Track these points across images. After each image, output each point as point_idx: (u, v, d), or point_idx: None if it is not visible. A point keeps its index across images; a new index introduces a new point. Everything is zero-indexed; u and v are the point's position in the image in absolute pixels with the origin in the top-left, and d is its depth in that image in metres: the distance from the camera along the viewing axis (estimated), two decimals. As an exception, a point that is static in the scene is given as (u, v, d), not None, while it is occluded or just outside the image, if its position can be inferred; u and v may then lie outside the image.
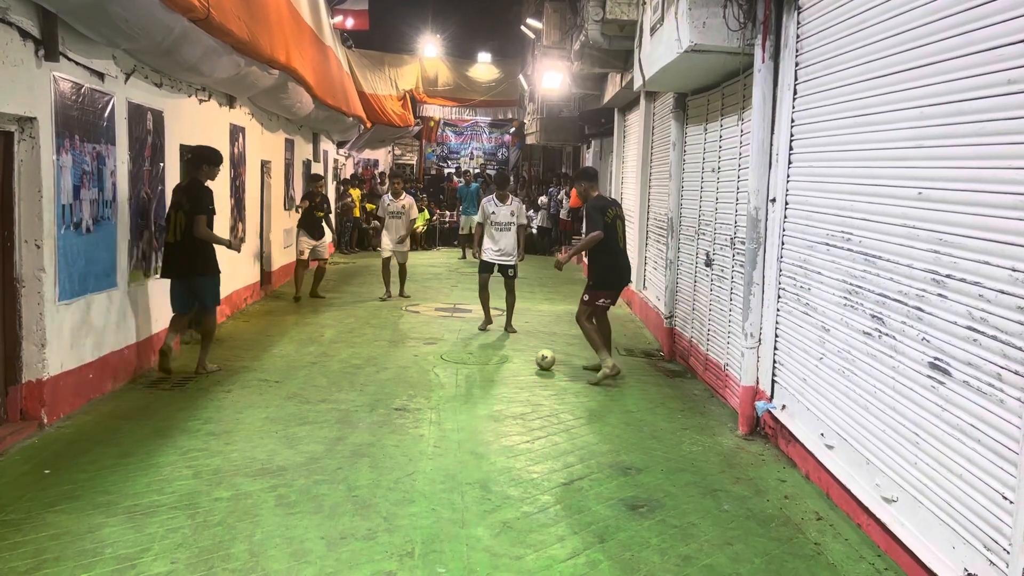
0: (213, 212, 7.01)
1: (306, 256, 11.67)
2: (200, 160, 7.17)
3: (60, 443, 5.29)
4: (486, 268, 9.72)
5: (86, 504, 4.32)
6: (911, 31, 4.06)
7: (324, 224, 11.93)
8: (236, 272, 10.13)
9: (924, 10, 3.94)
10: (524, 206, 10.08)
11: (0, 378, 5.29)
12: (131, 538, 3.94)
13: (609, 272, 7.73)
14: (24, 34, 5.14)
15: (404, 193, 11.96)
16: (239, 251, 8.86)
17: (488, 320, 9.90)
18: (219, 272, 7.21)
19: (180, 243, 6.89)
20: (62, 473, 4.77)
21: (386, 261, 11.89)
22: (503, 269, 9.63)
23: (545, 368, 7.77)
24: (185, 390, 6.63)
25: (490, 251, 9.66)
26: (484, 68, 25.38)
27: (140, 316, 7.04)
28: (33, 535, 3.94)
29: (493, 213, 9.60)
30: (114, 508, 4.28)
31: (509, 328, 9.76)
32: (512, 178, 25.68)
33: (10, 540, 3.88)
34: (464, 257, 18.43)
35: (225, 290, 9.58)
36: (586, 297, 7.77)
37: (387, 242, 11.80)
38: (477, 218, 9.91)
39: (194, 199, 6.89)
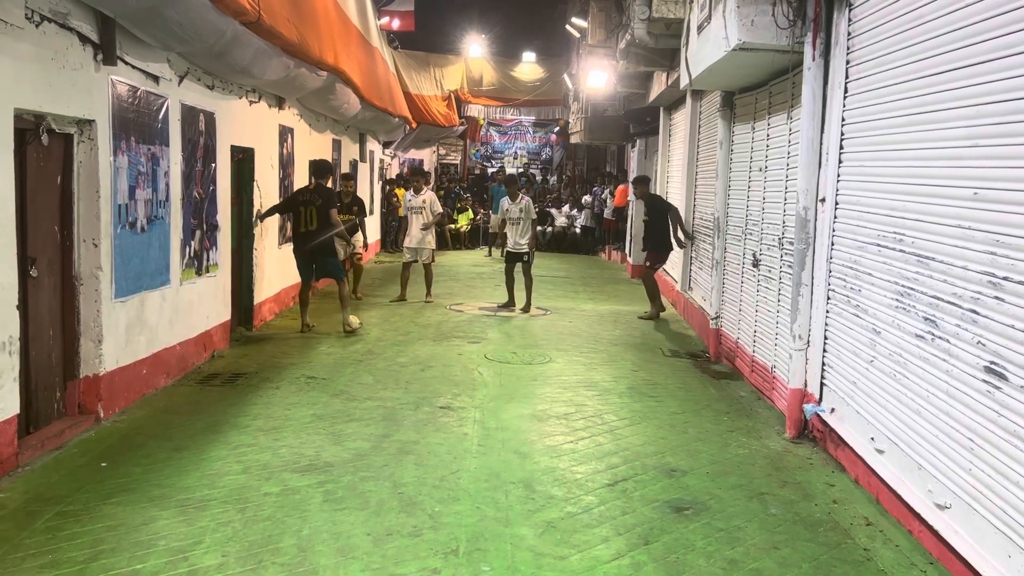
0: (340, 206, 9.76)
1: (341, 256, 11.63)
2: (324, 171, 9.40)
3: (116, 437, 5.43)
4: (511, 259, 11.28)
5: (141, 497, 4.44)
6: (966, 28, 3.97)
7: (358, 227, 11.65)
8: (283, 271, 10.30)
9: (980, 6, 3.85)
10: (532, 202, 11.60)
11: (59, 373, 5.46)
12: (183, 531, 4.04)
13: (666, 243, 10.79)
14: (83, 39, 5.29)
15: (425, 189, 12.09)
16: (349, 241, 10.42)
17: (511, 302, 11.23)
18: (337, 254, 9.45)
19: (312, 232, 8.98)
20: (118, 466, 4.90)
21: (407, 265, 11.73)
22: (519, 256, 11.07)
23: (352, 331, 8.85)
24: (235, 386, 6.76)
25: (512, 243, 11.20)
26: (528, 67, 25.39)
27: (192, 314, 7.20)
28: (91, 526, 4.06)
29: (507, 210, 11.13)
30: (167, 501, 4.39)
31: (526, 309, 10.98)
32: (527, 179, 25.78)
33: (69, 530, 4.00)
34: (489, 255, 18.48)
35: (273, 288, 9.78)
36: (648, 262, 10.97)
37: (407, 241, 11.81)
38: (498, 216, 11.84)
39: (326, 197, 9.08)
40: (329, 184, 9.40)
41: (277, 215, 9.52)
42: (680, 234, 10.71)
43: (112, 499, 4.40)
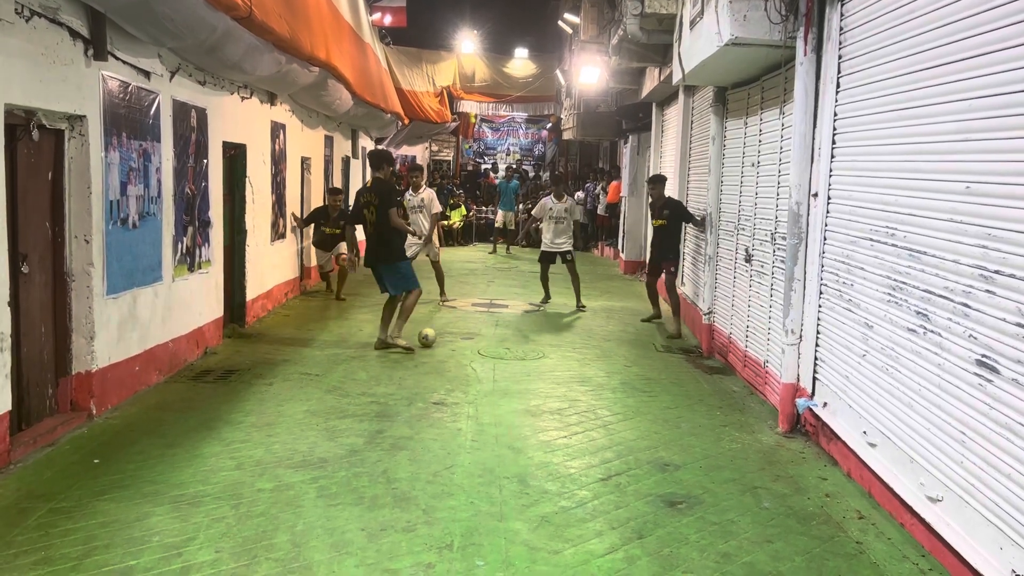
0: (400, 205, 8.75)
1: (330, 266, 11.51)
2: (381, 161, 8.21)
3: (108, 433, 5.42)
4: (547, 258, 11.30)
5: (134, 493, 4.43)
6: (958, 22, 3.98)
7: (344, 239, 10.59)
8: (276, 267, 10.28)
9: (971, 0, 3.86)
10: (576, 205, 11.81)
11: (51, 370, 5.44)
12: (177, 527, 4.03)
13: (677, 251, 9.91)
14: (74, 34, 5.26)
15: (424, 186, 11.34)
16: (422, 239, 10.05)
17: (547, 297, 11.39)
18: (407, 257, 8.35)
19: (371, 236, 8.05)
20: (111, 463, 4.88)
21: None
22: (562, 255, 11.13)
23: (427, 345, 8.27)
24: (228, 383, 6.75)
25: (548, 242, 11.22)
26: (521, 64, 25.37)
27: (184, 310, 7.18)
28: (84, 522, 4.05)
29: (551, 209, 11.14)
30: (161, 497, 4.38)
31: (580, 306, 11.00)
32: (520, 175, 25.75)
33: (62, 527, 3.99)
34: (494, 252, 18.39)
35: (266, 285, 9.75)
36: (672, 268, 9.74)
37: (409, 241, 10.20)
38: (535, 213, 11.61)
39: (383, 195, 7.92)
40: (386, 175, 8.20)
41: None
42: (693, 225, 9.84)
43: (105, 496, 4.38)
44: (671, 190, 11.39)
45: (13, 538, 3.86)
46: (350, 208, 8.67)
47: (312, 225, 11.59)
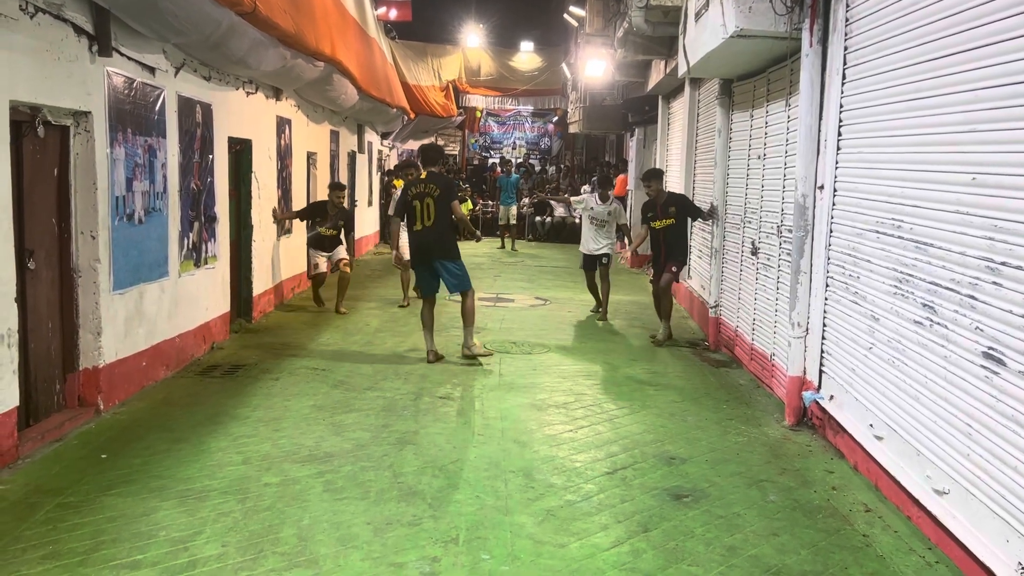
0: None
1: (322, 268, 10.15)
2: (438, 156, 7.92)
3: (116, 428, 5.44)
4: (588, 264, 10.28)
5: (141, 488, 4.45)
6: (963, 12, 3.95)
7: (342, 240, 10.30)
8: (283, 262, 10.30)
9: (979, -10, 3.84)
10: (622, 207, 10.66)
11: (58, 365, 5.46)
12: (184, 521, 4.05)
13: (685, 251, 9.06)
14: (78, 30, 5.27)
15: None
16: (479, 240, 9.33)
17: (599, 304, 10.32)
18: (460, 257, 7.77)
19: (428, 229, 7.45)
20: (118, 458, 4.91)
21: (407, 264, 8.98)
22: (599, 258, 10.17)
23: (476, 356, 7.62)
24: (235, 378, 6.77)
25: (587, 246, 10.25)
26: (527, 57, 25.33)
27: (191, 305, 7.20)
28: (91, 517, 4.07)
29: (592, 209, 10.17)
30: (168, 492, 4.40)
31: (603, 316, 10.00)
32: (526, 168, 25.60)
33: (70, 521, 4.01)
34: (503, 247, 18.31)
35: (273, 280, 9.78)
36: (674, 268, 8.73)
37: (406, 242, 8.45)
38: (578, 211, 10.79)
39: (445, 187, 7.52)
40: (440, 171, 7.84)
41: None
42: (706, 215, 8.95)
43: (112, 490, 4.40)
44: (677, 184, 11.35)
45: (21, 532, 3.88)
46: (355, 207, 8.12)
47: (307, 222, 10.55)
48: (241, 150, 8.75)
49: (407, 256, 8.49)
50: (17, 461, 4.71)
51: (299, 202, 11.16)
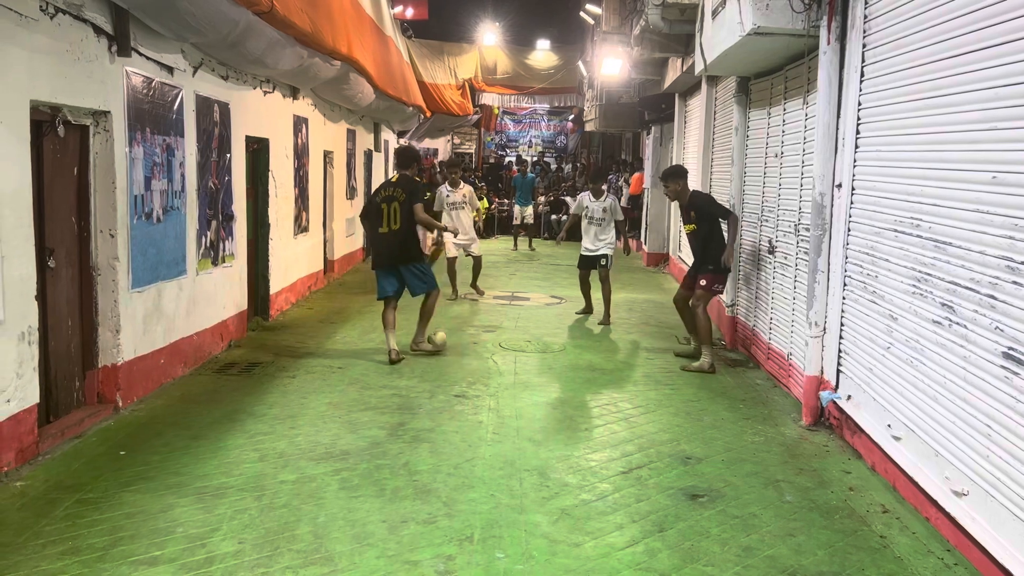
0: (426, 202, 8.31)
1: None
2: (411, 160, 7.96)
3: (134, 425, 5.49)
4: (584, 264, 9.89)
5: (159, 485, 4.49)
6: (984, 9, 3.91)
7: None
8: (299, 261, 10.35)
9: (1000, -13, 3.80)
10: (618, 202, 10.17)
11: (78, 363, 5.51)
12: (201, 518, 4.08)
13: (720, 256, 7.50)
14: (98, 30, 5.32)
15: (462, 183, 11.08)
16: (456, 235, 9.83)
17: (588, 308, 10.08)
18: (424, 258, 7.95)
19: (394, 233, 7.52)
20: (136, 454, 4.95)
21: (452, 260, 10.94)
22: (597, 259, 9.67)
23: (438, 350, 7.77)
24: (252, 376, 6.81)
25: (585, 246, 9.79)
26: (543, 55, 25.30)
27: (208, 303, 7.25)
28: (110, 513, 4.11)
29: (587, 207, 9.69)
30: (185, 489, 4.43)
31: (606, 321, 9.51)
32: (542, 167, 25.44)
33: (89, 517, 4.05)
34: (516, 248, 18.14)
35: (289, 278, 9.82)
36: (703, 282, 7.53)
37: (451, 238, 10.55)
38: (573, 211, 10.19)
39: (410, 191, 7.54)
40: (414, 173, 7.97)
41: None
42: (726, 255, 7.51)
43: (131, 487, 4.44)
44: (694, 184, 11.24)
45: (42, 528, 3.92)
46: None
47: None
48: (258, 149, 8.79)
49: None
50: (37, 457, 4.76)
51: (315, 201, 11.20)
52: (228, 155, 7.64)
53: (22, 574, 3.50)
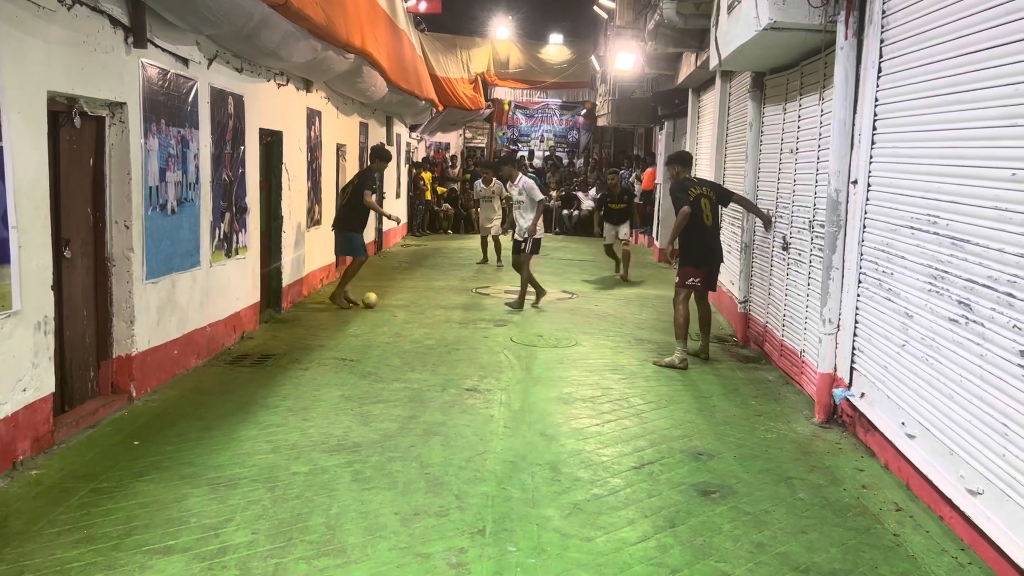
0: (375, 190, 10.25)
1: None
2: (375, 156, 10.21)
3: (148, 416, 5.52)
4: (515, 248, 10.19)
5: (172, 475, 4.51)
6: (1004, 4, 3.87)
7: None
8: (313, 253, 10.37)
9: (1021, -19, 3.76)
10: (532, 183, 10.33)
11: (92, 353, 5.54)
12: (214, 508, 4.10)
13: (696, 248, 7.53)
14: (114, 22, 5.33)
15: (494, 180, 14.26)
16: (399, 223, 12.59)
17: (541, 292, 10.24)
18: (362, 230, 9.88)
19: (345, 206, 9.78)
20: (150, 445, 4.98)
21: (484, 238, 14.54)
22: (520, 244, 9.99)
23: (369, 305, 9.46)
24: (265, 367, 6.84)
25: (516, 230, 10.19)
26: (556, 49, 25.19)
27: (222, 295, 7.27)
28: (124, 503, 4.13)
29: (513, 196, 10.35)
30: (198, 479, 4.46)
31: (514, 305, 9.89)
32: (554, 161, 25.29)
33: (103, 507, 4.07)
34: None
35: (302, 271, 9.85)
36: (677, 278, 7.70)
37: (484, 221, 14.58)
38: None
39: (362, 179, 9.81)
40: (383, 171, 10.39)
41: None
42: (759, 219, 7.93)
43: (145, 477, 4.47)
44: (705, 177, 11.20)
45: (56, 517, 3.95)
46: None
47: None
48: (272, 141, 8.81)
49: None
50: (52, 446, 4.79)
51: (329, 193, 11.22)
52: (242, 147, 7.65)
53: (37, 562, 3.52)
